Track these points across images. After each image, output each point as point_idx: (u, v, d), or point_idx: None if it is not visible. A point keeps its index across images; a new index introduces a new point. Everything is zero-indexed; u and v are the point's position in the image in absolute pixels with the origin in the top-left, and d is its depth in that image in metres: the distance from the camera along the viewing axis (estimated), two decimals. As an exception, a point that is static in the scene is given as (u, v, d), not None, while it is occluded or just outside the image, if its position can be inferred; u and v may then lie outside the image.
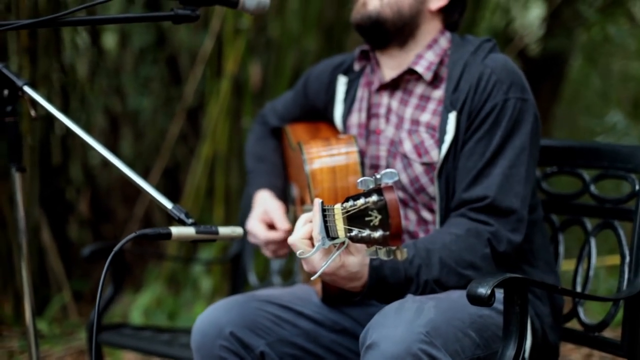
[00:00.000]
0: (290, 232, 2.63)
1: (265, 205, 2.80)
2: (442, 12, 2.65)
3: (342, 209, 1.91)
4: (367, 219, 1.86)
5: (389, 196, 1.83)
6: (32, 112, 2.28)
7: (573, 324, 2.69)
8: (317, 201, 2.04)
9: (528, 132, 2.46)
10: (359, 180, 1.87)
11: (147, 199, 5.18)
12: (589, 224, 2.74)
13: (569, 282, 2.77)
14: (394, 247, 1.85)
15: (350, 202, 1.90)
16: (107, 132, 5.72)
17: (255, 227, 2.76)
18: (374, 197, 1.85)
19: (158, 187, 5.20)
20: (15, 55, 4.64)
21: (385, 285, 2.26)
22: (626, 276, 2.53)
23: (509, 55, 5.84)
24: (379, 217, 1.84)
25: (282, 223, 2.70)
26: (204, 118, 5.09)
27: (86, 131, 2.07)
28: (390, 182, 1.85)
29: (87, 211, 5.51)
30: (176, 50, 5.51)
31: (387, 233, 1.82)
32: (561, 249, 2.82)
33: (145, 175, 5.31)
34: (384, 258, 1.87)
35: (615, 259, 3.46)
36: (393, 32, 2.60)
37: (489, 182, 2.41)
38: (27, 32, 4.36)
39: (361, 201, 1.87)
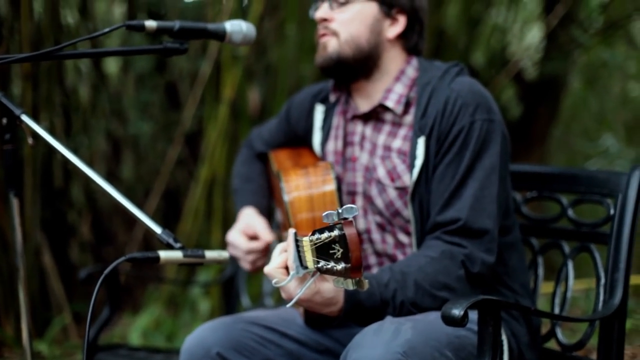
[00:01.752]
0: (272, 243, 2.74)
1: (248, 219, 2.89)
2: (401, 38, 2.71)
3: (310, 241, 2.00)
4: (331, 251, 1.95)
5: (349, 231, 1.92)
6: (30, 140, 2.35)
7: (552, 344, 2.77)
8: (291, 232, 2.13)
9: (497, 152, 2.52)
10: (323, 214, 1.95)
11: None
12: (567, 247, 2.82)
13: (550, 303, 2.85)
14: (357, 279, 1.95)
15: (317, 235, 1.98)
16: (109, 155, 5.80)
17: (236, 238, 2.84)
18: (336, 232, 1.94)
19: (158, 210, 5.33)
20: (18, 79, 4.73)
21: (361, 309, 2.32)
22: (601, 297, 2.61)
23: (505, 78, 5.97)
24: (341, 250, 1.93)
25: (266, 234, 2.79)
26: (202, 142, 5.17)
27: (89, 154, 2.16)
28: (350, 217, 1.94)
29: (89, 234, 5.58)
30: (175, 76, 5.61)
31: (349, 265, 1.92)
32: (540, 271, 2.89)
33: (145, 198, 5.40)
34: (350, 288, 1.96)
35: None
36: (357, 68, 2.67)
37: (461, 204, 2.47)
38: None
39: (325, 235, 1.96)
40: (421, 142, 2.56)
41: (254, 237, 2.84)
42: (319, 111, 2.90)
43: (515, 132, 5.28)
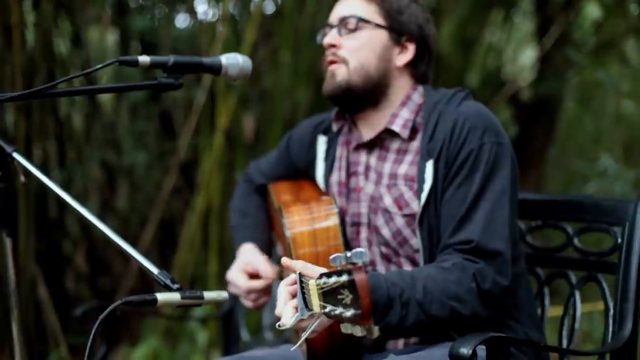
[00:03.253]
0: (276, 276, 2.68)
1: (248, 257, 2.83)
2: (410, 66, 2.68)
3: (316, 285, 1.93)
4: (339, 297, 1.87)
5: (359, 277, 1.84)
6: (22, 178, 2.31)
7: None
8: (296, 273, 2.07)
9: (507, 176, 2.48)
10: (330, 257, 1.90)
11: (142, 254, 5.18)
12: (574, 277, 2.77)
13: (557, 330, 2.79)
14: (367, 326, 1.88)
15: (324, 280, 1.90)
16: (104, 185, 5.75)
17: (236, 277, 2.79)
18: (344, 277, 1.86)
19: (154, 240, 5.26)
20: (11, 108, 4.68)
21: None
22: (610, 329, 2.56)
23: (500, 99, 5.95)
24: (350, 296, 1.86)
25: (267, 272, 2.74)
26: (198, 171, 5.13)
27: (83, 184, 2.12)
28: (359, 262, 1.88)
29: (84, 264, 5.52)
30: (170, 105, 5.57)
31: (359, 312, 1.85)
32: (547, 301, 2.84)
33: (140, 228, 5.34)
34: (359, 334, 1.89)
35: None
36: (365, 96, 2.63)
37: (473, 226, 2.41)
38: (21, 87, 4.37)
39: (333, 279, 1.88)
40: (429, 165, 2.51)
41: (254, 275, 2.78)
42: (322, 142, 2.85)
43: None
